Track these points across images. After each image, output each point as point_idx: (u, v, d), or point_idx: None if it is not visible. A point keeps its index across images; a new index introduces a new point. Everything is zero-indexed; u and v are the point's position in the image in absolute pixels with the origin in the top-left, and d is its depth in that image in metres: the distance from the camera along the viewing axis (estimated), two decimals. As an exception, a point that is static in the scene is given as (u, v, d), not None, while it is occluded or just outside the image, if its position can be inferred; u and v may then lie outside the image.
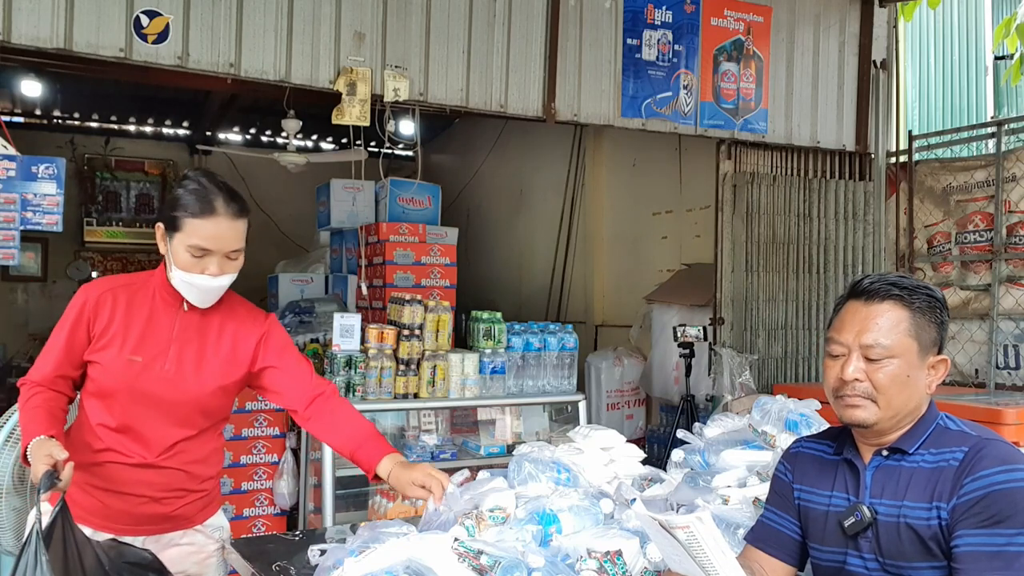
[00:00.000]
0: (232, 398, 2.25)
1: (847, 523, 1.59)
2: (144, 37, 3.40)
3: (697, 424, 2.65)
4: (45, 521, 1.71)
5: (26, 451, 1.88)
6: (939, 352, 1.62)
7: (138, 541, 2.09)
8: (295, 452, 4.39)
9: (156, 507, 2.11)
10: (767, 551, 1.76)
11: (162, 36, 3.43)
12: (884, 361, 1.56)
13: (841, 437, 1.71)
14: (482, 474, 2.29)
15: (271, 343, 2.22)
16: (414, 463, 2.14)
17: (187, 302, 2.11)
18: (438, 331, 3.85)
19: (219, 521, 2.30)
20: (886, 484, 1.58)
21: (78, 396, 2.16)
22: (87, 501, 2.07)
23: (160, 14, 3.42)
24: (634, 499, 2.06)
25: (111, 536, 2.03)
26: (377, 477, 2.12)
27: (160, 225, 2.06)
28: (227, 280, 2.07)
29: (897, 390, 1.56)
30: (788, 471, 1.78)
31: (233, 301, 2.21)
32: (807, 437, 1.85)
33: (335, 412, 2.21)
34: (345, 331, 3.72)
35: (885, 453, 1.61)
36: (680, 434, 2.61)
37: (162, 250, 2.07)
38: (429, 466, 2.08)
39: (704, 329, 4.93)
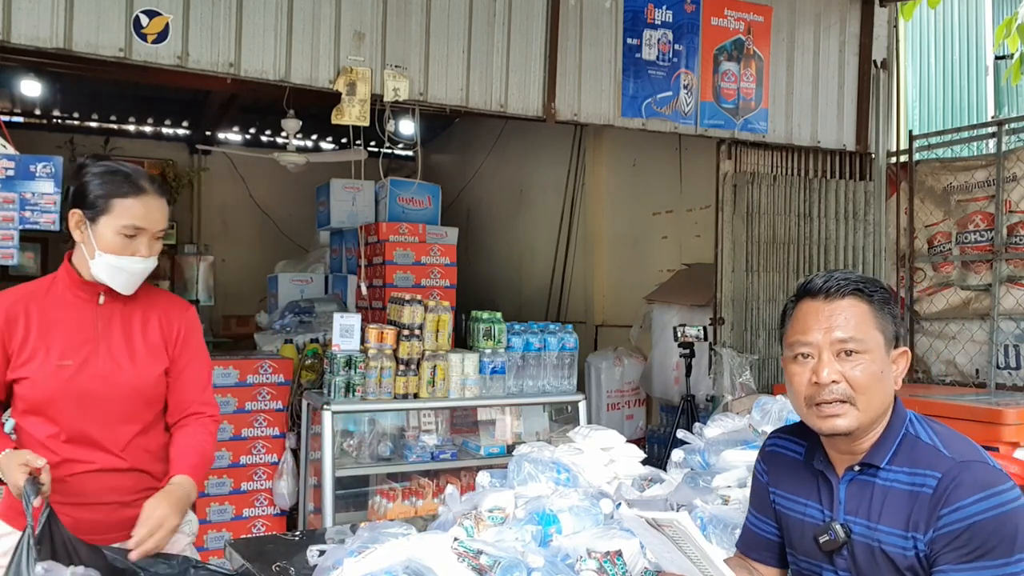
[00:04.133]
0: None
1: (822, 540, 1.55)
2: (144, 37, 3.40)
3: (697, 424, 2.65)
4: (36, 528, 1.70)
5: None
6: (897, 345, 1.57)
7: (112, 546, 2.02)
8: (295, 452, 4.39)
9: (128, 511, 2.03)
10: (754, 557, 1.75)
11: (162, 36, 3.43)
12: (858, 357, 1.50)
13: (812, 438, 1.64)
14: (481, 474, 2.29)
15: (186, 340, 2.17)
16: (169, 493, 1.99)
17: (103, 294, 2.05)
18: (438, 331, 3.85)
19: (186, 515, 2.21)
20: (860, 501, 1.53)
21: (11, 422, 2.08)
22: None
23: (160, 14, 3.42)
24: (619, 504, 2.05)
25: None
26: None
27: (76, 211, 1.99)
28: (153, 263, 2.04)
29: (875, 387, 1.50)
30: (764, 472, 1.74)
31: (149, 288, 2.15)
32: (782, 431, 1.77)
33: (187, 433, 2.14)
34: (345, 331, 3.72)
35: (857, 468, 1.55)
36: (680, 434, 2.61)
37: (78, 238, 2.01)
38: (165, 507, 1.94)
39: (704, 329, 4.92)
